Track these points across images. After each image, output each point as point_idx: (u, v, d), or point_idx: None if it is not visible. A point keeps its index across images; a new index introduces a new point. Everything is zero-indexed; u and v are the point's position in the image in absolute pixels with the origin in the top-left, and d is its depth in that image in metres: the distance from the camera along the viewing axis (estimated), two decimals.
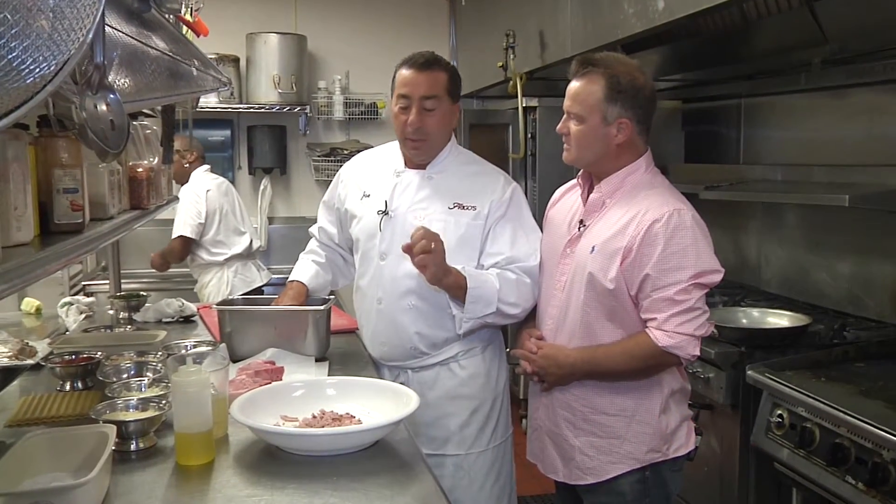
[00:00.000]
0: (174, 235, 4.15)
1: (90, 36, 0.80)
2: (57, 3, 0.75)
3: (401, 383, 2.03)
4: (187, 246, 4.18)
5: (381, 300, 2.20)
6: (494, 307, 2.07)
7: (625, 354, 1.88)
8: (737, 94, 3.62)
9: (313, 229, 2.50)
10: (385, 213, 2.20)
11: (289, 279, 2.40)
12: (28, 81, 0.74)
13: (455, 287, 2.05)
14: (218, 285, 4.23)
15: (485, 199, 2.17)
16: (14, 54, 0.71)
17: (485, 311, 2.07)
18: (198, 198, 4.18)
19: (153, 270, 4.37)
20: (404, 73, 2.15)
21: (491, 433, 2.23)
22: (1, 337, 2.49)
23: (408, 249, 1.96)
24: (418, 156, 2.21)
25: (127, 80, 1.37)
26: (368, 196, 2.26)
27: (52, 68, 0.77)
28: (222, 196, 4.30)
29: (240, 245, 4.30)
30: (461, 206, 2.16)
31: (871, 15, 2.34)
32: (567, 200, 2.11)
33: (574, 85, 1.92)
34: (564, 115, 1.95)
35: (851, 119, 2.94)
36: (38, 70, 0.74)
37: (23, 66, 0.73)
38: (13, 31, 0.70)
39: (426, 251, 1.93)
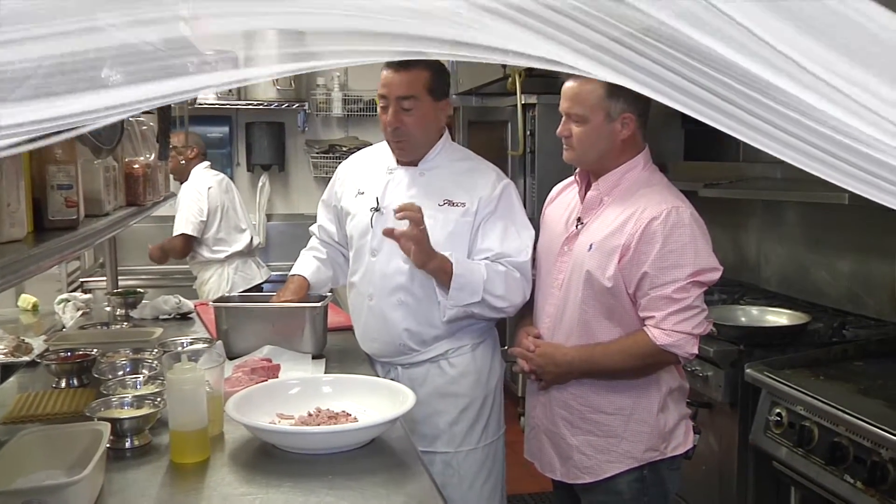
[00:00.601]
0: (175, 233, 4.14)
1: None
2: None
3: (391, 380, 2.03)
4: (189, 244, 4.17)
5: (372, 296, 2.20)
6: (480, 296, 2.07)
7: (623, 353, 1.88)
8: None
9: (313, 228, 2.50)
10: (377, 210, 2.19)
11: (290, 273, 2.41)
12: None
13: (441, 272, 2.06)
14: (218, 282, 4.22)
15: (474, 196, 2.16)
16: None
17: (470, 299, 2.07)
18: (199, 195, 4.16)
19: (150, 267, 4.36)
20: (383, 72, 2.15)
21: (481, 431, 2.23)
22: None
23: (389, 232, 2.00)
24: (403, 154, 2.21)
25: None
26: (362, 193, 2.26)
27: None
28: (223, 193, 4.28)
29: (241, 242, 4.29)
30: (451, 203, 2.16)
31: None
32: (564, 198, 2.10)
33: (570, 85, 1.90)
34: (564, 118, 1.92)
35: None
36: None
37: None
38: None
39: (413, 220, 1.97)
